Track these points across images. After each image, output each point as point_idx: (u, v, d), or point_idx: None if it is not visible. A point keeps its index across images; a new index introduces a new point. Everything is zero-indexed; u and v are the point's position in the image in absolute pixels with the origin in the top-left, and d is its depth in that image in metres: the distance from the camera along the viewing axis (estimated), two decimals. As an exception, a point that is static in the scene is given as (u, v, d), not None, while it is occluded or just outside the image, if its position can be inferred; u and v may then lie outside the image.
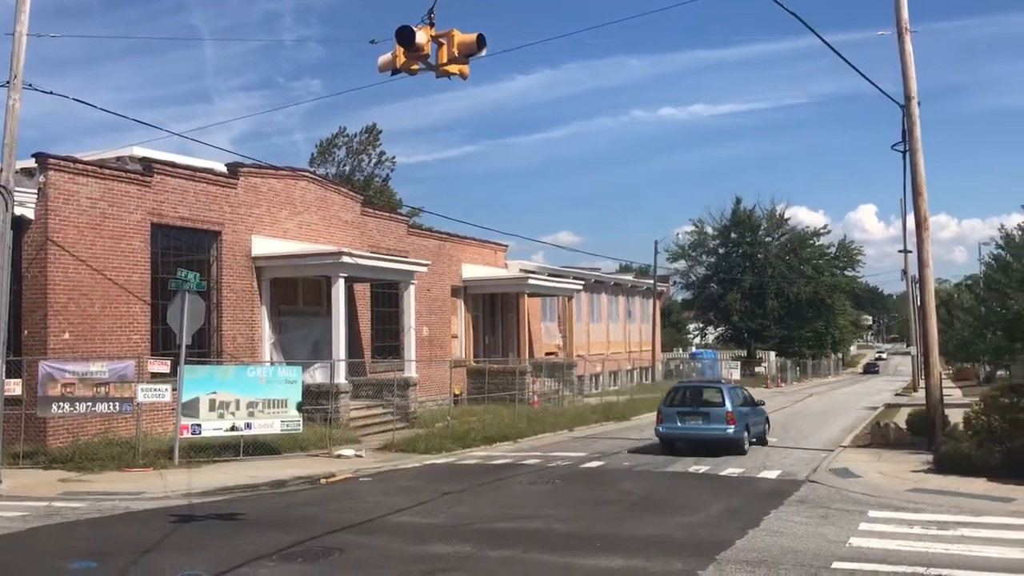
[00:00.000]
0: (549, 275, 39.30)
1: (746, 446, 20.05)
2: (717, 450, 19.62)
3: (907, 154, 20.18)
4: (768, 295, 78.77)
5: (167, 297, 19.48)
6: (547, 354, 39.23)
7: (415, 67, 10.71)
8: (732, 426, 19.69)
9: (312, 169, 38.62)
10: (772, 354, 76.17)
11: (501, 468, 18.12)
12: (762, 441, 21.75)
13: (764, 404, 23.36)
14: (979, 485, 14.79)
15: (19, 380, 17.41)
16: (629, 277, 57.17)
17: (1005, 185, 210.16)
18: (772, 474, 16.93)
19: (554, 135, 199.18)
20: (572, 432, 25.99)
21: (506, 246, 38.50)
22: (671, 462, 18.72)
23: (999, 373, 46.02)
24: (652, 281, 57.17)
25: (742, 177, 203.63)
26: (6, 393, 15.95)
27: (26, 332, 18.42)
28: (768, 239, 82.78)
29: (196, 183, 22.24)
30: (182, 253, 21.79)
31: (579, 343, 41.74)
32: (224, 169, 23.50)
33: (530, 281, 34.94)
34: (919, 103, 19.95)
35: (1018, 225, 33.50)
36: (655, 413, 21.67)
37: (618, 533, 11.20)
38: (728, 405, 19.94)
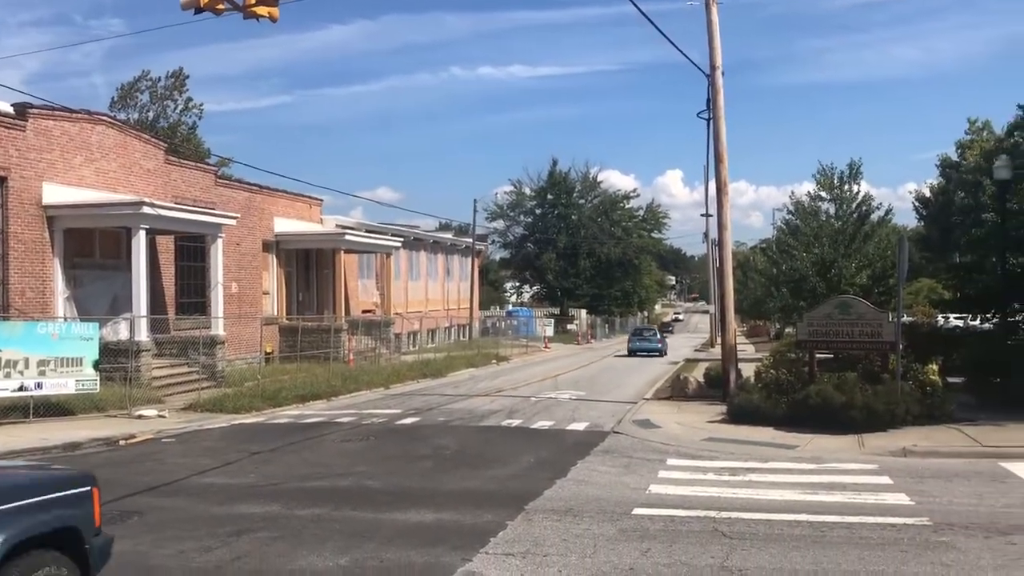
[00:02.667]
0: (367, 231, 38.77)
1: None
2: None
3: (711, 122, 21.23)
4: (581, 255, 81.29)
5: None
6: (364, 312, 38.82)
7: (220, 6, 10.21)
8: None
9: (112, 114, 36.10)
10: (583, 312, 78.90)
11: (313, 427, 17.85)
12: None
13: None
14: (767, 433, 15.94)
15: None
16: (448, 235, 57.33)
17: (799, 155, 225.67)
18: (580, 426, 17.58)
19: (373, 88, 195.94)
20: (388, 389, 25.94)
21: (321, 200, 37.65)
22: (485, 416, 19.06)
23: (787, 330, 49.65)
24: (471, 240, 57.65)
25: (558, 140, 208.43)
26: None
27: None
28: (582, 201, 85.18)
29: (-24, 123, 20.32)
30: (-40, 199, 19.92)
31: (397, 301, 41.57)
32: (10, 110, 21.58)
33: (347, 237, 34.34)
34: (723, 73, 20.99)
35: (807, 193, 36.01)
36: (472, 369, 21.64)
37: (431, 488, 11.30)
38: None
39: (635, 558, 7.81)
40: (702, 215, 55.42)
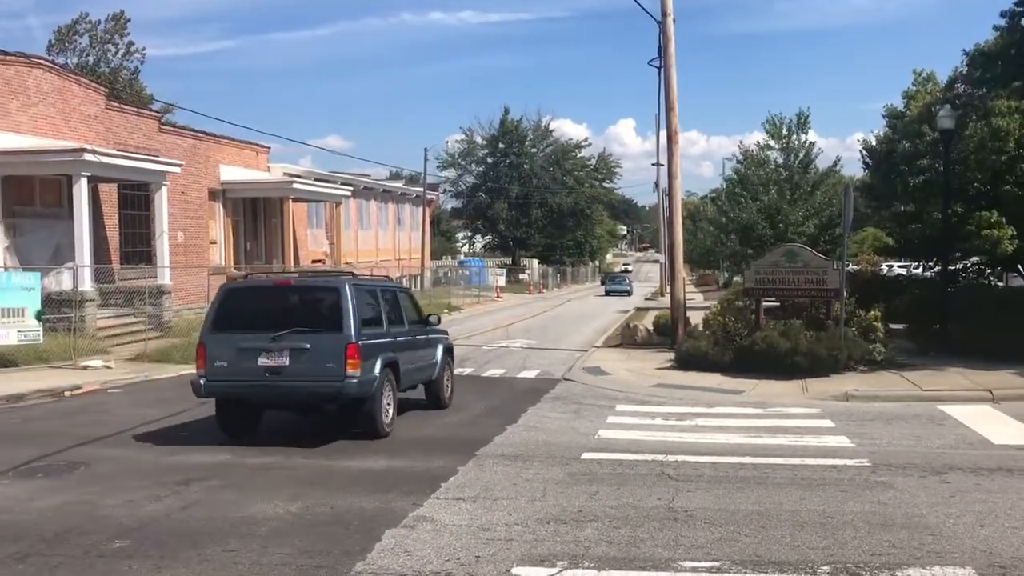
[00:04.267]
0: (316, 180, 38.19)
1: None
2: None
3: (662, 70, 21.22)
4: (533, 205, 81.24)
5: None
6: (314, 261, 38.45)
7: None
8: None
9: (50, 57, 34.88)
10: (535, 262, 79.11)
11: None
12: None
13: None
14: (714, 379, 16.25)
15: None
16: (399, 184, 56.78)
17: (750, 105, 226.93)
18: (531, 374, 17.73)
19: (320, 33, 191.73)
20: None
21: (268, 148, 36.92)
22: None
23: (735, 279, 50.34)
24: (422, 189, 57.20)
25: (510, 88, 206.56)
26: None
27: None
28: (534, 150, 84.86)
29: (-96, 65, 19.51)
30: None
31: (348, 250, 41.21)
32: (-61, 51, 20.76)
33: (295, 186, 33.81)
34: (675, 21, 20.90)
35: (756, 142, 36.29)
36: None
37: (382, 435, 11.32)
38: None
39: (583, 501, 7.95)
40: (653, 164, 55.53)
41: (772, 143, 34.90)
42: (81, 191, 21.89)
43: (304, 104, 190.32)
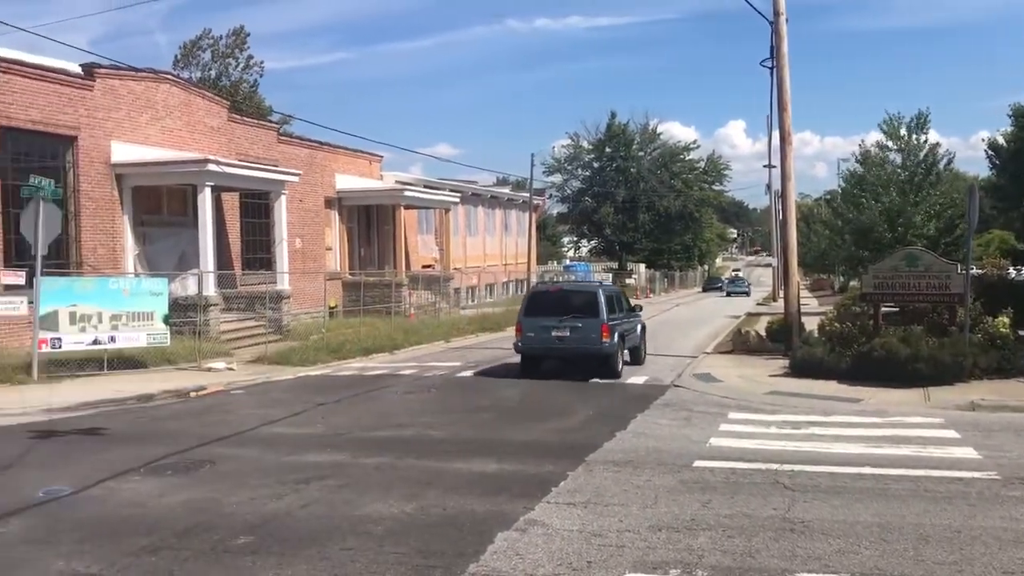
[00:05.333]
0: (425, 187, 38.94)
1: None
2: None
3: (774, 70, 20.74)
4: (640, 208, 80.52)
5: (19, 206, 18.32)
6: (424, 267, 39.16)
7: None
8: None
9: (175, 72, 36.60)
10: (642, 266, 78.39)
11: (376, 379, 18.17)
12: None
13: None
14: (830, 387, 15.79)
15: None
16: (506, 190, 57.25)
17: (866, 104, 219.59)
18: (640, 380, 17.59)
19: (428, 43, 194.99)
20: (448, 343, 26.22)
21: (381, 157, 37.86)
22: (545, 370, 19.14)
23: (852, 283, 48.76)
24: (528, 194, 57.52)
25: (617, 92, 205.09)
26: None
27: None
28: (641, 153, 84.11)
29: (48, 83, 20.80)
30: (34, 159, 20.42)
31: (456, 256, 41.79)
32: (79, 70, 22.03)
33: (406, 193, 34.55)
34: (787, 20, 20.44)
35: (876, 142, 35.14)
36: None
37: (492, 439, 11.46)
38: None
39: (696, 509, 7.85)
40: (765, 166, 54.38)
41: (890, 143, 33.75)
42: (205, 200, 22.89)
43: (414, 113, 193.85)
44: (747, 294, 69.14)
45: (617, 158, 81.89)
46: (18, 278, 18.16)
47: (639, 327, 20.46)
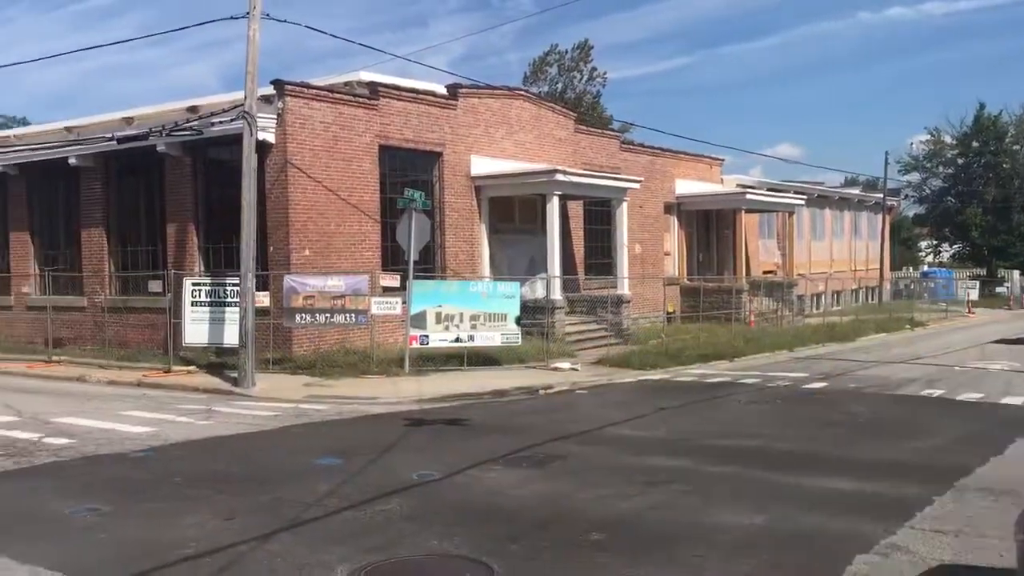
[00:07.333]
0: (768, 190, 37.79)
1: None
2: None
3: None
4: (1014, 209, 72.00)
5: (395, 216, 20.44)
6: (765, 272, 38.05)
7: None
8: None
9: (527, 88, 38.84)
10: (1016, 273, 69.99)
11: (717, 386, 17.96)
12: None
13: None
14: None
15: (266, 293, 18.97)
16: (856, 191, 53.93)
17: None
18: (1016, 400, 15.74)
19: (771, 42, 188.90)
20: (792, 352, 25.24)
21: (722, 160, 37.32)
22: (901, 384, 17.82)
23: None
24: (881, 195, 53.76)
25: (984, 80, 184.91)
26: (256, 305, 17.46)
27: (271, 248, 19.93)
28: (1016, 147, 75.25)
29: (419, 105, 22.98)
30: (407, 173, 22.69)
31: (800, 261, 40.09)
32: (444, 91, 24.10)
33: (748, 196, 33.78)
34: None
35: None
36: (883, 334, 20.45)
37: (844, 455, 10.85)
38: None
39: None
40: None
41: None
42: (553, 208, 24.04)
43: (754, 113, 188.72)
44: None
45: (986, 153, 73.90)
46: (393, 281, 20.30)
47: None
